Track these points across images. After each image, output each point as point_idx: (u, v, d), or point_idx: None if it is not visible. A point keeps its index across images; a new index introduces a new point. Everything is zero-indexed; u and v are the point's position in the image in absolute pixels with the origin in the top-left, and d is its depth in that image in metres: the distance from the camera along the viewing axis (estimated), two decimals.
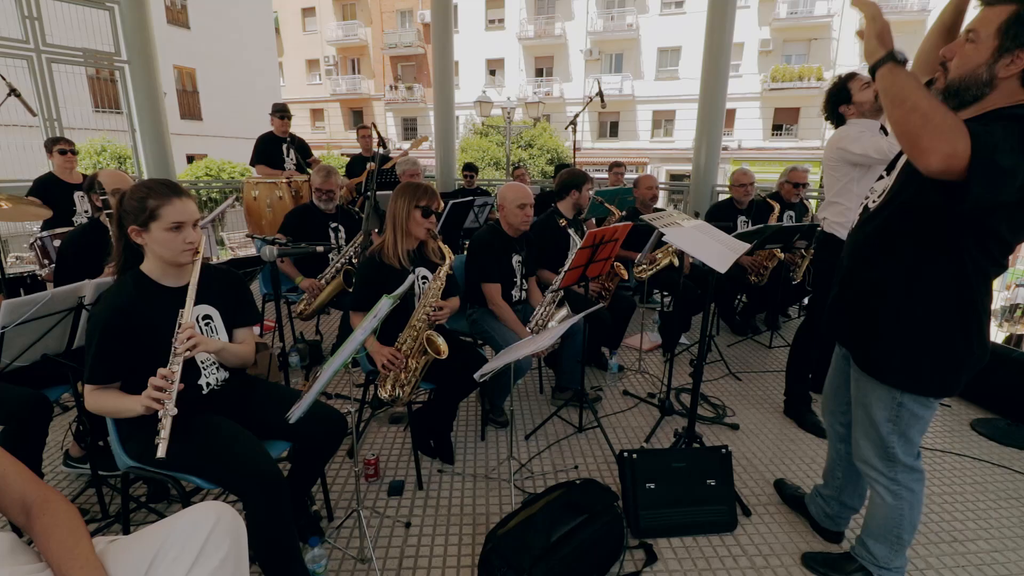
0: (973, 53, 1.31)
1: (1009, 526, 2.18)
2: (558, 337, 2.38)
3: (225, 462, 1.53)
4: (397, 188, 2.35)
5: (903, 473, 1.63)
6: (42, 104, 5.52)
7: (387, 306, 1.63)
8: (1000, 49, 1.26)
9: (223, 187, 8.65)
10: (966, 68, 1.32)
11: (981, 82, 1.31)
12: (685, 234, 2.22)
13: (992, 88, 1.31)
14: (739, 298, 4.59)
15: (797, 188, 4.38)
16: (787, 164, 4.69)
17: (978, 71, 1.30)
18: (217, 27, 17.56)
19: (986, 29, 1.28)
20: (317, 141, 23.02)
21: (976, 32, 1.30)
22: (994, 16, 1.27)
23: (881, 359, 1.54)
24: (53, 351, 1.90)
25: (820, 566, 1.88)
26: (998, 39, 1.26)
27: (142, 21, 5.81)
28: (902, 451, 1.61)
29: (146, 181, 1.62)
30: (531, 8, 23.42)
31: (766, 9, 20.33)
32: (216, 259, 4.73)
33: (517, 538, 1.74)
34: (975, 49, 1.30)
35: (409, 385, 2.20)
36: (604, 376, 3.53)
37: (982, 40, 1.29)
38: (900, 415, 1.56)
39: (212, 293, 1.72)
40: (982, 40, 1.29)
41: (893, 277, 1.49)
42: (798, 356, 2.92)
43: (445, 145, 7.60)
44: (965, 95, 1.34)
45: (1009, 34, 1.25)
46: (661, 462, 2.15)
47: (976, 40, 1.30)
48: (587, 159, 20.63)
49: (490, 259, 2.82)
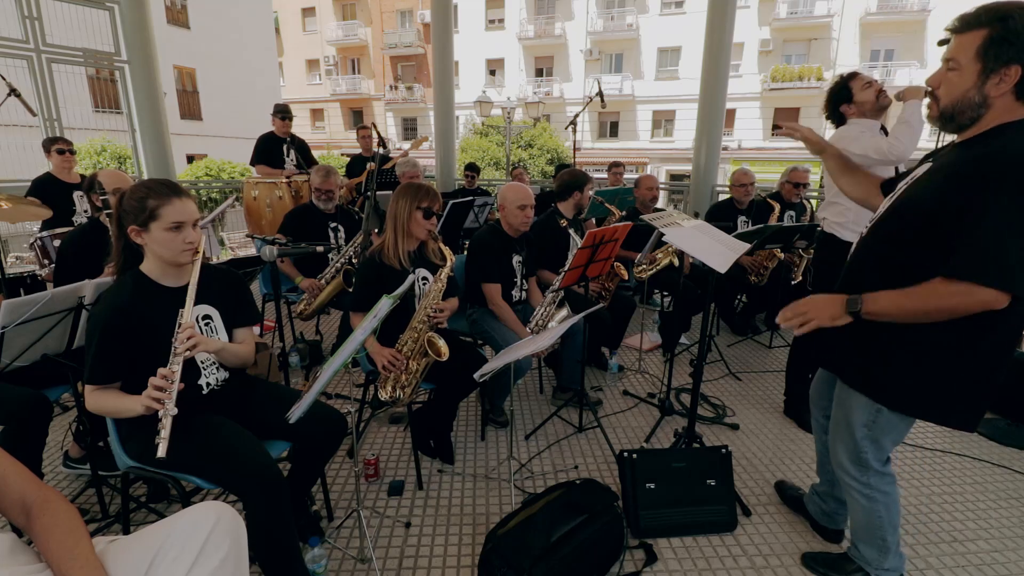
0: (958, 80, 1.32)
1: (1009, 526, 2.18)
2: (558, 337, 2.38)
3: (225, 462, 1.53)
4: (398, 189, 2.35)
5: (875, 477, 1.65)
6: (42, 104, 5.52)
7: (387, 306, 1.63)
8: (985, 71, 1.28)
9: (223, 187, 8.64)
10: (955, 95, 1.34)
11: (975, 104, 1.32)
12: (685, 234, 2.22)
13: (987, 107, 1.31)
14: (739, 298, 4.59)
15: (798, 188, 4.38)
16: (787, 164, 4.69)
17: (968, 95, 1.32)
18: (217, 27, 17.55)
19: (965, 55, 1.30)
20: (317, 141, 23.03)
21: (955, 60, 1.32)
22: (968, 42, 1.29)
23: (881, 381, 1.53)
24: (53, 351, 1.90)
25: (820, 566, 1.88)
26: (980, 62, 1.28)
27: (142, 21, 5.81)
28: (872, 456, 1.62)
29: (146, 181, 1.62)
30: (531, 8, 23.41)
31: (766, 9, 20.32)
32: (217, 259, 4.73)
33: (517, 538, 1.74)
34: (959, 76, 1.32)
35: (410, 386, 2.20)
36: (604, 376, 3.53)
37: (963, 66, 1.30)
38: (877, 421, 1.57)
39: (212, 293, 1.72)
40: (963, 66, 1.30)
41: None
42: (798, 356, 2.92)
43: (445, 145, 7.61)
44: (961, 119, 1.36)
45: (990, 55, 1.26)
46: (661, 462, 2.15)
47: (957, 68, 1.32)
48: (587, 159, 20.62)
49: (490, 259, 2.82)
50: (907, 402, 1.51)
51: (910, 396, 1.49)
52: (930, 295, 1.31)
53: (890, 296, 1.37)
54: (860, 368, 1.57)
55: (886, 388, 1.52)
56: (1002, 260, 1.22)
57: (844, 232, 2.51)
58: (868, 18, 19.18)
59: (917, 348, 1.44)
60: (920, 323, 1.39)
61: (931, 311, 1.33)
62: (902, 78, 18.35)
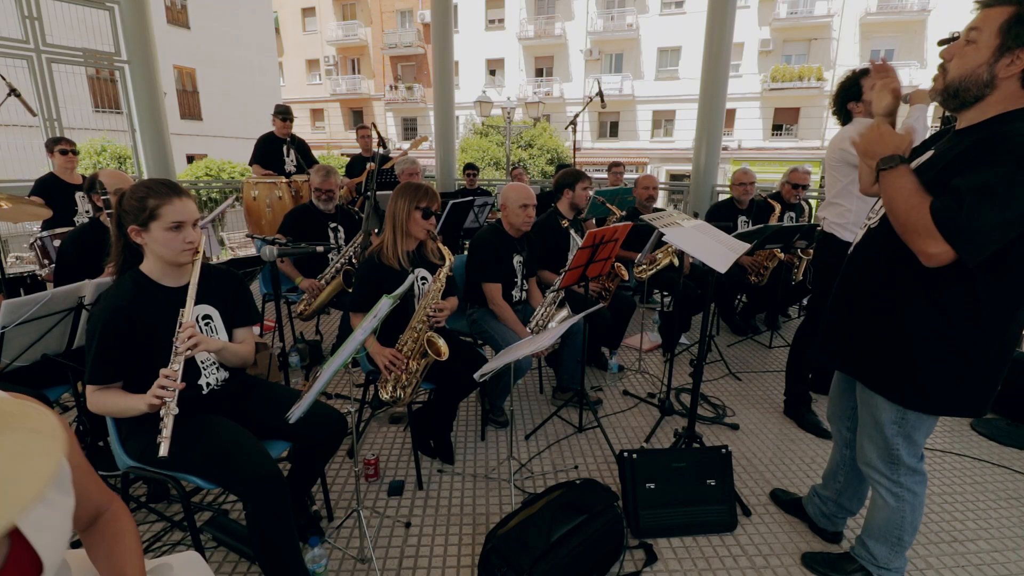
0: (973, 53, 1.32)
1: (1009, 526, 2.18)
2: (558, 337, 2.38)
3: (225, 462, 1.53)
4: (397, 188, 2.35)
5: (906, 476, 1.63)
6: (42, 104, 5.52)
7: (387, 306, 1.63)
8: (1001, 48, 1.27)
9: (223, 187, 8.65)
10: (966, 69, 1.34)
11: (981, 83, 1.32)
12: (685, 234, 2.22)
13: (992, 88, 1.32)
14: (739, 298, 4.59)
15: (797, 189, 4.38)
16: (787, 164, 4.69)
17: (978, 71, 1.32)
18: (217, 27, 17.56)
19: (987, 29, 1.29)
20: (317, 141, 23.04)
21: (977, 31, 1.31)
22: (995, 16, 1.28)
23: (890, 380, 1.53)
24: (53, 351, 1.90)
25: (820, 566, 1.88)
26: (999, 38, 1.27)
27: (142, 21, 5.82)
28: (906, 453, 1.60)
29: (146, 181, 1.62)
30: (531, 8, 23.41)
31: (766, 9, 20.32)
32: (217, 259, 4.74)
33: (517, 538, 1.74)
34: (975, 50, 1.32)
35: (410, 386, 2.20)
36: (604, 376, 3.53)
37: (982, 40, 1.30)
38: (906, 417, 1.56)
39: (212, 293, 1.72)
40: (982, 40, 1.30)
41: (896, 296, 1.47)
42: (798, 356, 2.92)
43: (445, 145, 7.61)
44: (965, 96, 1.36)
45: (1011, 33, 1.26)
46: (661, 462, 2.15)
47: (976, 40, 1.31)
48: (587, 159, 20.63)
49: (491, 259, 2.82)
50: (929, 403, 1.50)
51: (931, 397, 1.48)
52: (916, 207, 1.31)
53: (912, 184, 1.34)
54: (880, 372, 1.55)
55: (906, 391, 1.51)
56: (972, 222, 1.23)
57: (844, 232, 2.51)
58: (868, 18, 19.18)
59: (934, 349, 1.44)
60: (938, 327, 1.41)
61: (907, 219, 1.33)
62: (902, 78, 18.22)
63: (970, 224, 1.24)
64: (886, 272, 1.50)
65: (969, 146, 1.31)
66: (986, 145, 1.27)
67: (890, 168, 1.38)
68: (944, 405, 1.49)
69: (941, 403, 1.48)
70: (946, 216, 1.27)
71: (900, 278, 1.46)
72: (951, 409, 1.50)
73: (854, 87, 2.51)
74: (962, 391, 1.45)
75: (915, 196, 1.33)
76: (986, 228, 1.24)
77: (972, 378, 1.44)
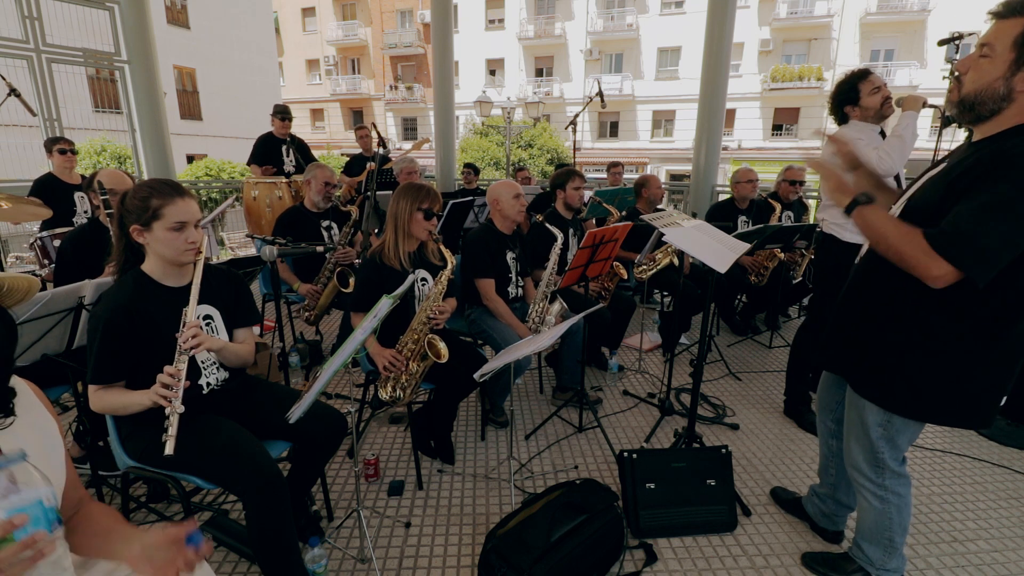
0: (989, 67, 1.28)
1: (1009, 526, 2.18)
2: (558, 336, 2.38)
3: (225, 462, 1.53)
4: (398, 189, 2.35)
5: (891, 479, 1.64)
6: (42, 104, 5.52)
7: (387, 306, 1.63)
8: (1018, 62, 1.24)
9: (223, 187, 8.64)
10: (982, 82, 1.30)
11: (998, 96, 1.28)
12: (685, 234, 2.22)
13: (1010, 102, 1.28)
14: (739, 298, 4.59)
15: (794, 186, 4.38)
16: (787, 164, 4.70)
17: (995, 85, 1.28)
18: (217, 27, 17.55)
19: (1001, 43, 1.25)
20: (317, 141, 23.03)
21: (991, 46, 1.27)
22: (1009, 29, 1.24)
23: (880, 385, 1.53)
24: (53, 351, 1.90)
25: (820, 566, 1.88)
26: (1015, 51, 1.24)
27: (142, 21, 5.81)
28: (889, 456, 1.61)
29: (148, 181, 1.62)
30: (531, 8, 23.40)
31: (766, 9, 20.32)
32: (216, 259, 4.74)
33: (517, 538, 1.74)
34: (991, 63, 1.28)
35: (410, 387, 2.20)
36: (604, 376, 3.53)
37: (997, 54, 1.26)
38: (891, 421, 1.56)
39: (212, 293, 1.72)
40: (997, 54, 1.26)
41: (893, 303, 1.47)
42: (798, 356, 2.92)
43: (445, 145, 7.61)
44: (981, 109, 1.32)
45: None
46: (661, 462, 2.15)
47: (991, 54, 1.27)
48: (587, 159, 20.63)
49: (483, 255, 2.82)
50: (919, 409, 1.49)
51: (922, 403, 1.47)
52: (906, 239, 1.32)
53: (885, 218, 1.39)
54: (869, 375, 1.55)
55: (896, 396, 1.50)
56: (977, 241, 1.22)
57: (844, 233, 2.51)
58: (868, 18, 19.18)
59: (927, 354, 1.43)
60: (932, 329, 1.40)
61: (899, 252, 1.35)
62: (902, 78, 18.35)
63: (978, 243, 1.22)
64: (888, 281, 1.48)
65: (982, 157, 1.29)
66: (999, 159, 1.25)
67: (855, 208, 1.42)
68: (942, 414, 1.48)
69: (934, 411, 1.48)
70: (946, 240, 1.26)
71: (899, 286, 1.45)
72: (950, 419, 1.49)
73: (852, 91, 2.49)
74: (961, 400, 1.44)
75: (899, 227, 1.34)
76: (995, 246, 1.22)
77: (971, 388, 1.42)
